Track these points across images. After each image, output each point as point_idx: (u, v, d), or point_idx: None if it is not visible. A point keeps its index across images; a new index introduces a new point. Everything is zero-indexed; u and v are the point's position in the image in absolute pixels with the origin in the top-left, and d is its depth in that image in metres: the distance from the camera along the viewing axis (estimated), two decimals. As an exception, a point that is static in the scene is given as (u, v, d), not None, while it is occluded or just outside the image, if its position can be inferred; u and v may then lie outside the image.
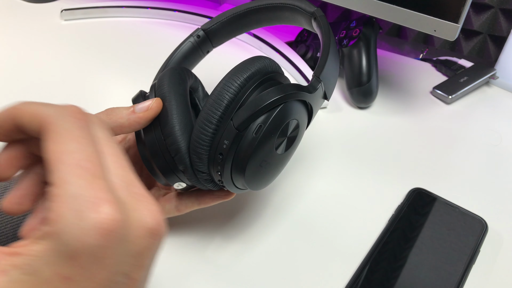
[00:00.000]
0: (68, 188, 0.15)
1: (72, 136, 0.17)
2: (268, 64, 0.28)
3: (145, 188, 0.18)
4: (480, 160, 0.41)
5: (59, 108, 0.18)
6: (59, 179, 0.16)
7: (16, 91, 0.47)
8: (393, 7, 0.40)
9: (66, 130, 0.17)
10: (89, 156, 0.16)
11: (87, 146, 0.17)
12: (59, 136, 0.16)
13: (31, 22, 0.58)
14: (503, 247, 0.34)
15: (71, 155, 0.16)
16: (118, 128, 0.27)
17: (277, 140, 0.26)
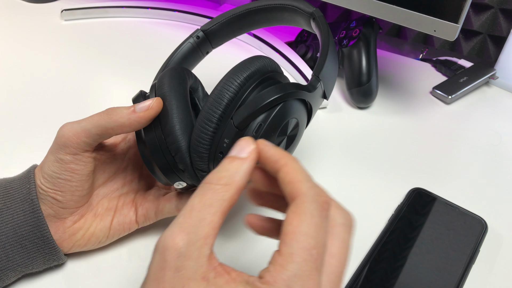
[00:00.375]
0: (292, 267, 0.17)
1: (314, 222, 0.18)
2: (267, 63, 0.28)
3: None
4: (480, 160, 0.41)
5: (313, 189, 0.19)
6: (288, 254, 0.18)
7: (16, 91, 0.47)
8: (393, 7, 0.41)
9: (311, 215, 0.18)
10: (321, 247, 0.18)
11: (322, 238, 0.18)
12: (304, 216, 0.18)
13: (31, 22, 0.58)
14: (502, 247, 0.34)
15: (307, 239, 0.18)
16: (119, 127, 0.27)
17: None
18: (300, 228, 0.18)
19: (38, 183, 0.28)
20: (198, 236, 0.18)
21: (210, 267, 0.18)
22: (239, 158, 0.20)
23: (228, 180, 0.20)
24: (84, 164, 0.28)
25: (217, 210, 0.19)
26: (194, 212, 0.19)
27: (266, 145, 0.21)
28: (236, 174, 0.20)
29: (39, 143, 0.34)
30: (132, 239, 0.32)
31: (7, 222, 0.27)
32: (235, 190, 0.20)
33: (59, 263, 0.30)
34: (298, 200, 0.19)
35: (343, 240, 0.20)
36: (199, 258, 0.18)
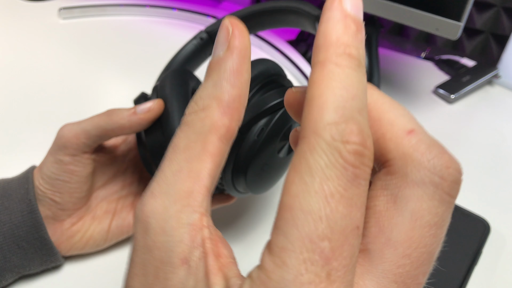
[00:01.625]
0: (282, 275, 0.10)
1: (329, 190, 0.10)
2: (271, 66, 0.27)
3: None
4: (482, 160, 0.41)
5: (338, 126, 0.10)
6: (279, 249, 0.10)
7: (13, 90, 0.46)
8: (395, 5, 0.40)
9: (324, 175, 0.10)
10: (341, 234, 0.10)
11: (346, 220, 0.10)
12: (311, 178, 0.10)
13: (29, 21, 0.58)
14: (505, 248, 0.33)
15: (312, 222, 0.10)
16: (119, 129, 0.27)
17: (279, 143, 0.26)
18: (301, 201, 0.10)
19: (36, 184, 0.28)
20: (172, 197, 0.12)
21: (194, 242, 0.12)
22: (216, 60, 0.13)
23: (205, 101, 0.13)
24: (83, 165, 0.28)
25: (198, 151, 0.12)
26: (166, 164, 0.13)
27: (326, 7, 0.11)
28: (215, 88, 0.13)
29: (38, 143, 0.34)
30: (130, 243, 0.32)
31: (4, 222, 0.27)
32: (219, 112, 0.13)
33: (56, 264, 0.29)
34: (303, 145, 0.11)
35: (418, 213, 0.11)
36: (177, 229, 0.12)
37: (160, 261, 0.12)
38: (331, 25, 0.11)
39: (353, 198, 0.10)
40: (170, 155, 0.13)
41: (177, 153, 0.13)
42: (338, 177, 0.10)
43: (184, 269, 0.12)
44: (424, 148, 0.12)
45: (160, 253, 0.12)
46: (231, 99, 0.13)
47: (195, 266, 0.12)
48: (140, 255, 0.12)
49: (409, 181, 0.11)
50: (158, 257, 0.12)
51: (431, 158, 0.12)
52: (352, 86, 0.11)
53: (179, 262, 0.12)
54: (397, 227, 0.11)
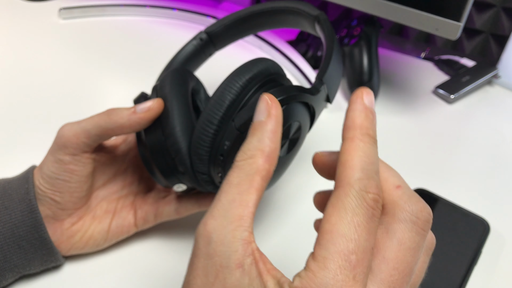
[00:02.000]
0: (323, 274, 0.15)
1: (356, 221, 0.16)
2: (270, 65, 0.27)
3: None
4: (482, 160, 0.41)
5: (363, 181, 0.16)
6: (321, 258, 0.15)
7: (13, 90, 0.46)
8: (395, 5, 0.40)
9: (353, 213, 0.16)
10: (362, 252, 0.15)
11: (365, 242, 0.15)
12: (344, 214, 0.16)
13: (29, 21, 0.58)
14: (505, 248, 0.33)
15: (345, 242, 0.15)
16: (119, 128, 0.27)
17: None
18: (338, 227, 0.15)
19: (37, 183, 0.28)
20: (228, 219, 0.17)
21: (246, 251, 0.16)
22: (258, 122, 0.19)
23: (252, 151, 0.18)
24: (83, 165, 0.28)
25: (247, 186, 0.17)
26: (222, 195, 0.17)
27: (352, 101, 0.18)
28: (259, 142, 0.18)
29: (38, 143, 0.34)
30: (130, 243, 0.32)
31: (4, 222, 0.27)
32: (262, 160, 0.18)
33: (57, 264, 0.29)
34: (340, 191, 0.16)
35: (401, 240, 0.16)
36: (232, 242, 0.16)
37: (219, 265, 0.16)
38: (357, 114, 0.18)
39: (371, 229, 0.16)
40: (226, 188, 0.18)
41: (231, 187, 0.18)
42: (363, 214, 0.16)
43: (239, 271, 0.16)
44: (406, 198, 0.18)
45: (219, 259, 0.16)
46: (271, 151, 0.18)
47: (248, 269, 0.16)
48: (202, 261, 0.17)
49: (396, 219, 0.17)
50: (218, 262, 0.16)
51: (411, 205, 0.17)
52: (371, 155, 0.17)
53: (235, 266, 0.16)
54: (389, 249, 0.17)
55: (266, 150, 0.18)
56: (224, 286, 0.16)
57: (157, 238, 0.33)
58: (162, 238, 0.33)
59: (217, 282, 0.16)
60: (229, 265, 0.16)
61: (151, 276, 0.30)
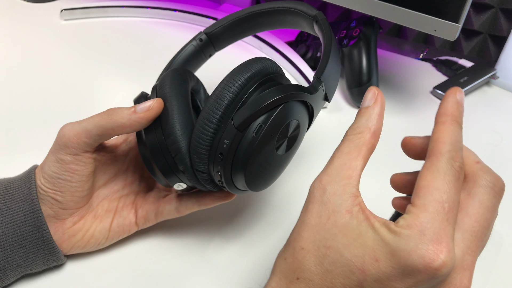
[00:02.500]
0: (425, 216, 0.19)
1: (447, 179, 0.20)
2: (269, 65, 0.28)
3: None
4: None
5: (451, 152, 0.20)
6: (421, 205, 0.19)
7: (15, 91, 0.47)
8: (394, 7, 0.40)
9: (445, 173, 0.20)
10: (452, 202, 0.19)
11: (454, 195, 0.19)
12: (437, 173, 0.20)
13: (31, 22, 0.58)
14: (503, 248, 0.34)
15: (439, 193, 0.19)
16: (119, 128, 0.27)
17: (278, 140, 0.26)
18: (433, 183, 0.19)
19: (38, 183, 0.28)
20: (341, 177, 0.21)
21: (354, 202, 0.20)
22: (366, 107, 0.23)
23: (361, 128, 0.22)
24: (84, 164, 0.28)
25: (356, 155, 0.22)
26: (335, 160, 0.22)
27: (447, 95, 0.22)
28: (367, 121, 0.22)
29: (39, 143, 0.34)
30: (131, 242, 0.32)
31: (7, 222, 0.27)
32: (369, 135, 0.22)
33: (58, 263, 0.30)
34: (433, 158, 0.20)
35: (481, 200, 0.20)
36: (344, 194, 0.20)
37: (332, 210, 0.21)
38: (450, 104, 0.22)
39: (458, 187, 0.20)
40: (338, 155, 0.22)
41: (342, 154, 0.22)
42: (452, 175, 0.20)
43: (348, 215, 0.20)
44: (485, 169, 0.22)
45: (332, 206, 0.21)
46: (376, 129, 0.22)
47: (356, 215, 0.20)
48: (316, 206, 0.21)
49: (476, 184, 0.21)
50: (330, 208, 0.21)
51: (488, 175, 0.21)
52: (458, 136, 0.21)
53: (345, 211, 0.20)
54: (471, 207, 0.21)
55: (373, 128, 0.22)
56: (335, 226, 0.20)
57: (158, 237, 0.33)
58: (163, 237, 0.33)
59: (329, 222, 0.20)
60: (340, 210, 0.20)
61: (152, 274, 0.31)
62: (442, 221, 0.19)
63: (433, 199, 0.19)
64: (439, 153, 0.20)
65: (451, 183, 0.19)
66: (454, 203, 0.19)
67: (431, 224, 0.18)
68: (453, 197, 0.19)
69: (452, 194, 0.19)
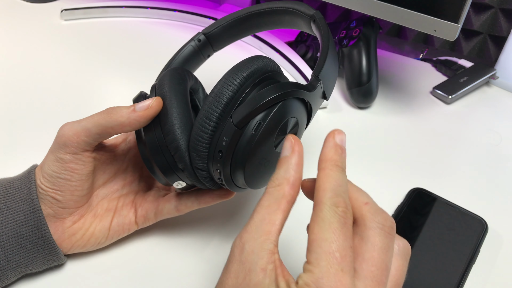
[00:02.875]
0: (318, 270, 0.19)
1: (333, 228, 0.20)
2: (267, 63, 0.28)
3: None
4: (480, 160, 0.41)
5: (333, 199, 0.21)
6: (314, 259, 0.19)
7: (15, 91, 0.47)
8: (393, 7, 0.41)
9: (329, 222, 0.20)
10: (343, 250, 0.19)
11: (343, 242, 0.19)
12: (322, 223, 0.20)
13: (31, 22, 0.58)
14: (503, 247, 0.34)
15: (328, 243, 0.19)
16: (119, 126, 0.27)
17: (277, 138, 0.26)
18: (320, 234, 0.19)
19: (38, 182, 0.28)
20: (259, 233, 0.21)
21: (270, 259, 0.20)
22: (284, 157, 0.23)
23: (280, 180, 0.22)
24: (83, 163, 0.28)
25: (275, 208, 0.21)
26: (255, 214, 0.21)
27: (326, 139, 0.23)
28: (286, 172, 0.22)
29: (39, 143, 0.34)
30: (131, 241, 0.32)
31: (7, 222, 0.27)
32: (287, 187, 0.22)
33: (58, 263, 0.30)
34: (317, 208, 0.21)
35: (374, 243, 0.20)
36: (260, 251, 0.20)
37: (248, 269, 0.20)
38: (328, 150, 0.22)
39: (346, 233, 0.20)
40: (258, 209, 0.22)
41: (262, 209, 0.21)
42: (337, 222, 0.20)
43: (262, 274, 0.20)
44: (373, 211, 0.22)
45: (249, 265, 0.20)
46: (295, 180, 0.22)
47: (269, 273, 0.20)
48: (235, 266, 0.21)
49: (367, 228, 0.21)
50: (247, 267, 0.20)
51: (376, 216, 0.21)
52: (339, 180, 0.21)
53: (259, 270, 0.20)
54: (365, 252, 0.20)
55: (291, 179, 0.22)
56: (249, 285, 0.20)
57: (158, 235, 0.33)
58: (162, 236, 0.33)
59: (244, 282, 0.20)
60: (255, 268, 0.20)
61: (152, 273, 0.31)
62: (336, 272, 0.18)
63: (323, 251, 0.19)
64: (320, 202, 0.20)
65: (338, 231, 0.19)
66: (346, 250, 0.19)
67: (327, 278, 0.18)
68: (343, 244, 0.19)
69: (341, 242, 0.19)
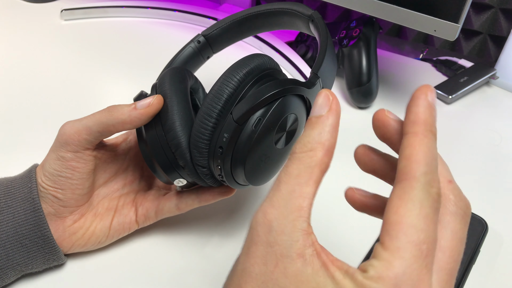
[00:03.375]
0: (400, 264, 0.15)
1: (424, 213, 0.16)
2: (266, 61, 0.28)
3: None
4: (480, 160, 0.41)
5: (428, 175, 0.16)
6: (395, 248, 0.15)
7: (16, 91, 0.47)
8: (393, 7, 0.41)
9: (421, 205, 0.16)
10: (431, 243, 0.16)
11: (433, 232, 0.16)
12: (412, 206, 0.16)
13: (31, 22, 0.58)
14: (503, 247, 0.34)
15: (416, 232, 0.15)
16: (120, 124, 0.27)
17: (276, 134, 0.27)
18: (408, 219, 0.16)
19: (39, 181, 0.28)
20: (289, 209, 0.17)
21: (306, 242, 0.16)
22: (318, 116, 0.19)
23: (312, 144, 0.18)
24: (85, 162, 0.28)
25: (307, 178, 0.17)
26: (282, 185, 0.18)
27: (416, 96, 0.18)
28: (320, 136, 0.18)
29: (39, 143, 0.34)
30: (132, 240, 0.32)
31: (8, 221, 0.27)
32: (322, 153, 0.18)
33: (59, 263, 0.30)
34: (406, 184, 0.16)
35: (454, 231, 0.17)
36: (293, 232, 0.16)
37: (280, 254, 0.16)
38: (422, 110, 0.18)
39: (436, 221, 0.16)
40: (285, 179, 0.18)
41: (291, 178, 0.18)
42: (430, 206, 0.16)
43: (301, 261, 0.16)
44: (457, 193, 0.18)
45: (280, 248, 0.16)
46: (330, 145, 0.18)
47: (310, 260, 0.16)
48: (261, 249, 0.17)
49: (448, 211, 0.18)
50: (278, 251, 0.16)
51: (460, 200, 0.18)
52: (433, 150, 0.17)
53: (296, 256, 0.16)
54: (444, 239, 0.17)
55: (326, 144, 0.18)
56: (284, 275, 0.16)
57: (159, 234, 0.33)
58: (163, 235, 0.33)
59: (277, 270, 0.16)
60: (290, 254, 0.16)
61: (153, 272, 0.31)
62: (420, 269, 0.15)
63: (409, 241, 0.15)
64: (412, 177, 0.16)
65: (429, 218, 0.16)
66: (433, 243, 0.16)
67: (409, 276, 0.15)
68: (432, 235, 0.16)
69: (430, 232, 0.16)
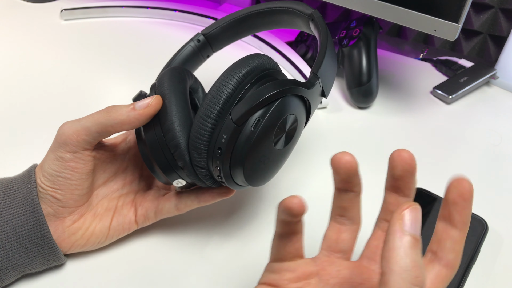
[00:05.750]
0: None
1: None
2: (266, 61, 0.28)
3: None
4: (480, 160, 0.41)
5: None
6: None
7: (15, 91, 0.47)
8: (393, 7, 0.41)
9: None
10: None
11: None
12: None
13: (31, 22, 0.58)
14: (503, 247, 0.34)
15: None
16: (118, 125, 0.27)
17: (276, 135, 0.26)
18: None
19: (38, 181, 0.28)
20: None
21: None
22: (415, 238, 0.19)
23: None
24: (84, 162, 0.28)
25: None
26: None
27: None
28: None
29: (39, 143, 0.34)
30: (131, 240, 0.32)
31: (7, 221, 0.27)
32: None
33: (58, 263, 0.30)
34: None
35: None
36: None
37: None
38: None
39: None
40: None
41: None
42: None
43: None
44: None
45: None
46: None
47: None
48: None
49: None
50: None
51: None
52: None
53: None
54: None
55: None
56: None
57: (158, 235, 0.33)
58: (162, 235, 0.33)
59: None
60: None
61: (152, 272, 0.31)
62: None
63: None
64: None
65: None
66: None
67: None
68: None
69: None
